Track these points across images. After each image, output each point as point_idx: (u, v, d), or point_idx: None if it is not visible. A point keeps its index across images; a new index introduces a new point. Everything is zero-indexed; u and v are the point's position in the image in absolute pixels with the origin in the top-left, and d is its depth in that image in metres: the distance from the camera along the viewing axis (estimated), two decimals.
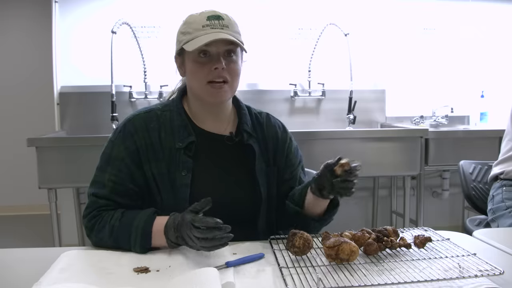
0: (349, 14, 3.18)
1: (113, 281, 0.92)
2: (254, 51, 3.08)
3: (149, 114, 1.21)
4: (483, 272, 0.91)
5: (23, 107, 3.46)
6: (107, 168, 1.16)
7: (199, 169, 1.18)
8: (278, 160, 1.29)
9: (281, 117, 3.05)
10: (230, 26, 1.16)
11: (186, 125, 1.20)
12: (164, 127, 1.19)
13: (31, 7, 3.38)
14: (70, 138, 2.59)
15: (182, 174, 1.16)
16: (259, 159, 1.25)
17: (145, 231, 1.07)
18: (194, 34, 1.13)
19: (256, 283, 0.91)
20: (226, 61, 1.14)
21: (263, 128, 1.30)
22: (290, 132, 1.38)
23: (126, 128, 1.18)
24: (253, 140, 1.25)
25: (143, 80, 2.95)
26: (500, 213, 1.67)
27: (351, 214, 3.27)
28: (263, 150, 1.27)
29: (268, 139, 1.29)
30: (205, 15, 1.15)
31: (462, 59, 3.36)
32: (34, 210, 3.54)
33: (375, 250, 1.03)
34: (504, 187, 1.72)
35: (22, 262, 1.07)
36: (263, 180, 1.24)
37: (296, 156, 1.34)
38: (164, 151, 1.17)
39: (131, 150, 1.16)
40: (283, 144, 1.31)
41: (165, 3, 2.97)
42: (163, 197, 1.17)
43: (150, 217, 1.09)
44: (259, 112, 1.34)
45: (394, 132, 2.76)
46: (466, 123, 3.40)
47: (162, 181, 1.16)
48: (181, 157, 1.17)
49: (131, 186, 1.16)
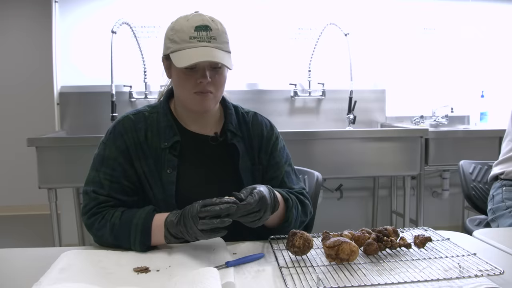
0: (349, 14, 3.18)
1: (113, 281, 0.92)
2: (254, 51, 3.10)
3: (137, 116, 1.25)
4: (483, 272, 0.91)
5: (23, 107, 3.46)
6: (102, 168, 1.19)
7: (184, 167, 1.22)
8: (262, 158, 1.30)
9: (281, 117, 3.12)
10: (218, 37, 1.17)
11: (172, 125, 1.24)
12: (151, 128, 1.24)
13: (31, 7, 3.38)
14: (70, 138, 2.59)
15: (168, 172, 1.20)
16: (244, 158, 1.27)
17: (145, 227, 1.09)
18: (181, 45, 1.15)
19: (256, 283, 0.91)
20: (211, 73, 1.17)
21: (249, 126, 1.32)
22: (291, 131, 1.38)
23: (116, 130, 1.23)
24: (238, 139, 1.27)
25: (143, 80, 2.95)
26: (500, 213, 1.67)
27: (351, 214, 3.27)
28: (249, 148, 1.29)
29: (254, 138, 1.30)
30: (193, 23, 1.15)
31: (462, 59, 3.37)
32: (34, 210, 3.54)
33: (375, 250, 1.03)
34: (504, 187, 1.72)
35: (22, 262, 1.08)
36: (248, 179, 1.26)
37: (281, 155, 1.33)
38: (151, 150, 1.22)
39: (122, 149, 1.20)
40: (267, 142, 1.32)
41: (165, 3, 2.97)
42: (154, 193, 1.21)
43: (150, 214, 1.12)
44: (246, 112, 1.35)
45: (394, 132, 2.76)
46: (466, 123, 3.40)
47: (153, 178, 1.20)
48: (166, 156, 1.21)
49: (126, 183, 1.19)
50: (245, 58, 3.07)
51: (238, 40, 3.02)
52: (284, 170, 1.31)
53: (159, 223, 1.08)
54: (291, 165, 1.35)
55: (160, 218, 1.09)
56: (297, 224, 1.22)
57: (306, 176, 1.66)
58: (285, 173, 1.31)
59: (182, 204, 1.09)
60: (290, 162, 1.35)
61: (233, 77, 3.00)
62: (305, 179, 1.65)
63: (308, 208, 1.28)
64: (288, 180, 1.31)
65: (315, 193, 1.58)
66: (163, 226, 1.07)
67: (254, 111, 1.37)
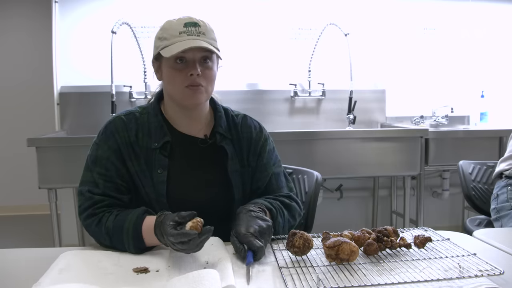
0: (349, 14, 3.18)
1: (112, 282, 0.92)
2: (254, 51, 3.10)
3: (128, 116, 1.26)
4: (483, 272, 0.91)
5: (23, 107, 3.46)
6: (95, 168, 1.20)
7: (174, 168, 1.23)
8: (251, 161, 1.30)
9: (281, 117, 3.13)
10: (206, 33, 1.19)
11: (162, 126, 1.25)
12: (142, 128, 1.24)
13: (31, 7, 3.38)
14: (70, 138, 2.59)
15: (158, 172, 1.21)
16: (233, 160, 1.27)
17: (135, 233, 1.08)
18: (171, 40, 1.17)
19: (256, 284, 0.91)
20: (201, 67, 1.18)
21: (238, 129, 1.32)
22: (291, 132, 1.38)
23: (107, 130, 1.24)
24: (227, 142, 1.28)
25: (143, 80, 2.95)
26: (504, 212, 1.66)
27: (351, 214, 3.27)
28: (238, 151, 1.29)
29: (243, 140, 1.31)
30: (182, 21, 1.19)
31: (462, 59, 3.37)
32: (34, 210, 3.55)
33: (375, 250, 1.03)
34: (509, 186, 1.71)
35: (22, 262, 1.08)
36: (237, 181, 1.26)
37: (269, 157, 1.33)
38: (142, 150, 1.22)
39: (114, 148, 1.21)
40: (256, 144, 1.32)
41: (165, 3, 2.97)
42: (146, 192, 1.21)
43: (139, 218, 1.11)
44: (236, 114, 1.36)
45: (394, 132, 2.76)
46: (466, 123, 3.40)
47: (144, 177, 1.21)
48: (156, 156, 1.22)
49: (120, 182, 1.20)
50: (245, 58, 3.07)
51: (238, 40, 3.03)
52: (272, 171, 1.31)
53: (150, 228, 1.07)
54: (280, 167, 1.35)
55: (150, 222, 1.08)
56: (286, 229, 1.22)
57: (306, 176, 1.66)
58: (274, 174, 1.31)
59: (174, 203, 1.12)
60: (279, 164, 1.36)
61: (233, 77, 3.01)
62: (305, 179, 1.65)
63: (295, 211, 1.28)
64: (276, 182, 1.31)
65: (315, 193, 1.58)
66: (153, 231, 1.06)
67: (244, 114, 1.37)
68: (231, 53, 2.95)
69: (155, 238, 1.06)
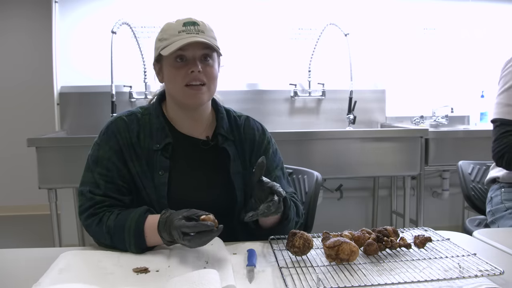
0: (349, 14, 3.18)
1: (112, 282, 0.92)
2: (254, 51, 3.10)
3: (130, 117, 1.25)
4: (483, 272, 0.91)
5: (23, 107, 3.46)
6: (96, 169, 1.19)
7: (176, 170, 1.22)
8: (254, 163, 1.28)
9: (281, 117, 3.13)
10: (205, 32, 1.19)
11: (164, 127, 1.24)
12: (143, 129, 1.23)
13: (31, 7, 3.38)
14: (70, 138, 2.59)
15: (160, 174, 1.20)
16: (235, 162, 1.26)
17: (137, 231, 1.08)
18: (170, 39, 1.17)
19: (256, 284, 0.91)
20: (202, 64, 1.18)
21: (240, 131, 1.31)
22: (291, 132, 1.37)
23: (109, 130, 1.23)
24: (229, 144, 1.27)
25: (143, 80, 2.96)
26: (499, 214, 1.67)
27: (351, 214, 3.27)
28: (240, 153, 1.28)
29: (245, 142, 1.30)
30: (181, 22, 1.19)
31: (462, 59, 3.37)
32: (34, 210, 3.55)
33: (375, 250, 1.03)
34: (503, 188, 1.71)
35: (22, 262, 1.08)
36: (239, 183, 1.26)
37: (272, 160, 1.32)
38: (143, 151, 1.22)
39: (115, 149, 1.20)
40: (259, 146, 1.31)
41: (165, 3, 2.97)
42: (147, 193, 1.20)
43: (142, 216, 1.11)
44: (238, 115, 1.35)
45: (394, 132, 2.76)
46: (466, 123, 3.40)
47: (145, 178, 1.20)
48: (158, 158, 1.21)
49: (121, 182, 1.19)
50: (245, 58, 3.07)
51: (238, 40, 3.03)
52: (274, 174, 1.30)
53: (152, 226, 1.07)
54: (282, 170, 1.34)
55: (153, 220, 1.08)
56: (293, 224, 1.22)
57: (306, 176, 1.66)
58: (276, 177, 1.30)
59: (175, 204, 1.11)
60: (282, 167, 1.35)
61: (233, 77, 3.01)
62: (305, 179, 1.65)
63: (300, 209, 1.28)
64: (280, 184, 1.30)
65: (315, 193, 1.58)
66: (156, 229, 1.06)
67: (246, 115, 1.36)
68: (231, 53, 2.95)
69: (157, 236, 1.06)
